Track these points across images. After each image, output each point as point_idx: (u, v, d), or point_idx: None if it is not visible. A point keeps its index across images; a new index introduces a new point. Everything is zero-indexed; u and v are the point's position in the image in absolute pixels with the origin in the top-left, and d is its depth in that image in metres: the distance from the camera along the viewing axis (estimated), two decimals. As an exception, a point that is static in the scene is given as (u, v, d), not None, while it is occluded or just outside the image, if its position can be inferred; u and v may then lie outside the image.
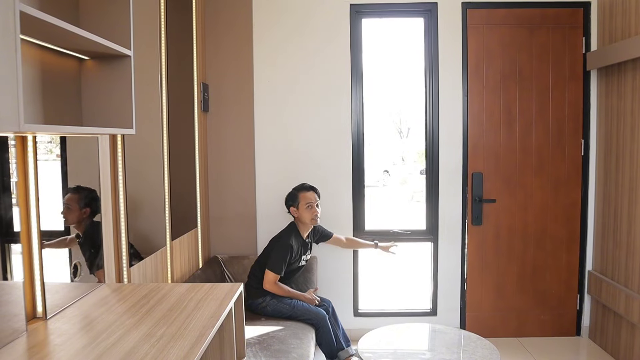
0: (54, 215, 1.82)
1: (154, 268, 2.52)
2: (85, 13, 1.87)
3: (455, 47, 3.46)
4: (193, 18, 3.22)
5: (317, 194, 3.17)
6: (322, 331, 2.98)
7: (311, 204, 3.10)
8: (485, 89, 3.48)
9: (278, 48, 3.49)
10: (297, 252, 3.09)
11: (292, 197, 3.15)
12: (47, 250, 1.67)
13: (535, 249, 3.55)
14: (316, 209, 3.12)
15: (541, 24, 3.45)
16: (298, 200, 3.12)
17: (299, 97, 3.51)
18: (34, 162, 1.61)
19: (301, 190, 3.15)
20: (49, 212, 1.73)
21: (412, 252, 6.34)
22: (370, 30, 3.70)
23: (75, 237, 1.99)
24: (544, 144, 3.49)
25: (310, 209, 3.10)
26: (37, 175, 1.62)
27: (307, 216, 3.10)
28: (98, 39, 1.65)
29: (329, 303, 3.22)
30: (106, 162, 2.08)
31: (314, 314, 3.00)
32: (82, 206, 2.13)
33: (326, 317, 3.02)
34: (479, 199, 3.49)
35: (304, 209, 3.10)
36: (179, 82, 3.01)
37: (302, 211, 3.10)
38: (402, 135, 15.41)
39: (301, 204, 3.11)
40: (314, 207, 3.11)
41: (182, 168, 3.06)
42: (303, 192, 3.13)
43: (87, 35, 1.58)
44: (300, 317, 2.99)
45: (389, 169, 13.45)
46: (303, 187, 3.17)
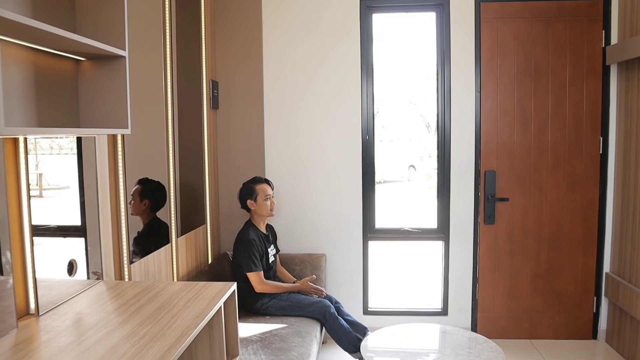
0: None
1: (157, 265, 2.55)
2: (82, 15, 1.90)
3: (468, 42, 3.38)
4: (202, 16, 3.24)
5: (271, 186, 3.22)
6: (330, 320, 2.96)
7: (269, 196, 3.15)
8: (499, 85, 3.39)
9: (287, 44, 3.48)
10: (260, 246, 3.09)
11: (249, 190, 3.17)
12: (48, 247, 1.72)
13: (550, 250, 3.45)
14: (274, 201, 3.18)
15: (558, 16, 3.33)
16: (256, 193, 3.15)
17: (309, 94, 3.50)
18: (25, 162, 1.65)
19: (258, 183, 3.18)
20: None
21: (423, 251, 6.28)
22: (385, 24, 3.65)
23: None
24: (560, 141, 3.39)
25: (268, 200, 3.15)
26: (28, 173, 1.65)
27: (265, 208, 3.14)
28: (87, 41, 1.67)
29: (331, 299, 3.21)
30: (104, 160, 2.11)
31: (317, 305, 2.99)
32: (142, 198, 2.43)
33: (330, 306, 3.01)
34: (491, 198, 3.41)
35: (262, 201, 3.14)
36: (187, 79, 3.03)
37: (261, 203, 3.14)
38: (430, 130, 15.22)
39: (260, 197, 3.14)
40: (271, 199, 3.16)
41: (190, 165, 3.09)
42: (260, 185, 3.17)
43: (75, 37, 1.60)
44: (305, 310, 2.99)
45: (415, 163, 13.31)
46: (260, 180, 3.20)
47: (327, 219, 3.55)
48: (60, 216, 1.98)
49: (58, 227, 1.97)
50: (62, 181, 2.03)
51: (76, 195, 2.02)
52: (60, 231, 1.97)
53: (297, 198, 3.53)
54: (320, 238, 3.56)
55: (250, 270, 2.97)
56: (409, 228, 3.57)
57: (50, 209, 1.94)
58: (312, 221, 3.55)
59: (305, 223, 3.56)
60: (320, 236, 3.56)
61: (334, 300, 3.21)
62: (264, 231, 3.19)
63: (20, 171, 1.64)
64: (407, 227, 3.58)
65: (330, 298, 3.21)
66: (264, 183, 3.18)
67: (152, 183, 2.56)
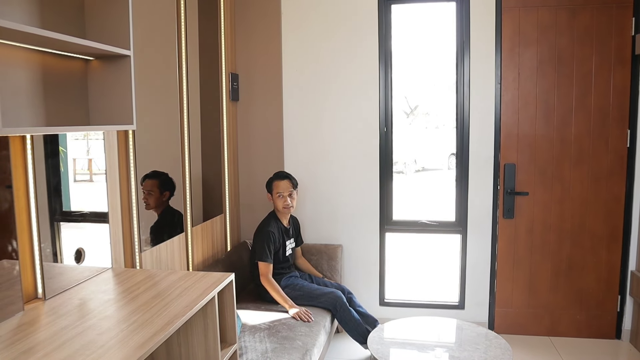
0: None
1: (169, 253, 2.67)
2: (90, 17, 2.00)
3: (489, 32, 3.30)
4: (221, 9, 3.31)
5: (292, 183, 3.20)
6: (341, 311, 3.02)
7: (281, 194, 3.15)
8: (520, 76, 3.30)
9: (306, 37, 3.51)
10: (278, 239, 3.13)
11: (268, 184, 3.23)
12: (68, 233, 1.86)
13: (572, 246, 3.36)
14: (287, 199, 3.16)
15: (585, 4, 3.20)
16: (272, 187, 3.19)
17: (327, 86, 3.52)
18: (31, 157, 1.76)
19: (276, 179, 3.20)
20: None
21: (441, 243, 6.19)
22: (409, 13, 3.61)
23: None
24: (584, 134, 3.27)
25: (280, 198, 3.16)
26: (34, 167, 1.77)
27: (278, 204, 3.18)
28: (92, 44, 1.77)
29: (345, 289, 3.27)
30: (114, 153, 2.22)
31: (329, 296, 3.04)
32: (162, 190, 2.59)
33: (342, 297, 3.06)
34: (511, 191, 3.35)
35: (276, 197, 3.18)
36: (205, 72, 3.12)
37: (275, 199, 3.19)
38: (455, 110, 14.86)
39: (274, 192, 3.18)
40: (284, 196, 3.15)
41: (208, 156, 3.19)
42: (277, 181, 3.19)
43: (81, 42, 1.71)
44: (317, 300, 3.05)
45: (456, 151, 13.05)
46: (277, 176, 3.22)
47: (344, 210, 3.58)
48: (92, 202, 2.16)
49: (91, 213, 2.15)
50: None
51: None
52: (92, 217, 2.15)
53: (315, 189, 3.58)
54: (338, 229, 3.60)
55: (261, 260, 3.04)
56: (426, 220, 3.56)
57: (95, 193, 2.16)
58: (329, 212, 3.60)
59: (322, 214, 3.61)
60: (337, 227, 3.60)
61: (347, 290, 3.26)
62: (286, 224, 3.24)
63: (27, 165, 1.76)
64: (424, 220, 3.56)
65: (343, 288, 3.26)
66: (281, 179, 3.19)
67: (164, 175, 2.67)
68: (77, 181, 2.11)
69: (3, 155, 1.66)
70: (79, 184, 2.13)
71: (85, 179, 2.19)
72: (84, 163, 2.18)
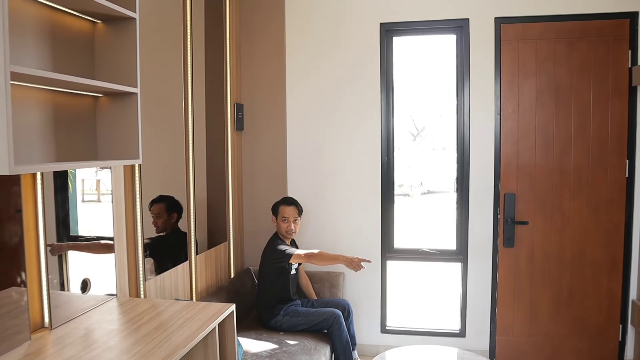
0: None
1: (173, 282, 2.73)
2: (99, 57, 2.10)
3: (488, 63, 3.38)
4: (227, 42, 3.42)
5: (298, 209, 3.30)
6: (334, 327, 3.04)
7: (286, 219, 3.24)
8: (519, 106, 3.37)
9: (309, 69, 3.60)
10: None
11: (274, 208, 3.33)
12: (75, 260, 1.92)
13: (573, 274, 3.38)
14: (291, 224, 3.25)
15: (582, 37, 3.28)
16: (278, 211, 3.29)
17: (330, 116, 3.61)
18: (41, 190, 1.84)
19: (282, 204, 3.30)
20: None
21: (442, 271, 6.20)
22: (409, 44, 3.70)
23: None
24: (583, 164, 3.32)
25: (285, 222, 3.25)
26: (44, 200, 1.84)
27: (281, 228, 3.26)
28: (101, 84, 1.86)
29: (346, 304, 3.30)
30: (120, 186, 2.30)
31: (325, 316, 3.07)
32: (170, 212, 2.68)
33: (340, 316, 3.08)
34: (511, 221, 3.39)
35: (280, 221, 3.27)
36: (211, 103, 3.21)
37: (279, 223, 3.28)
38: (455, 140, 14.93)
39: (279, 216, 3.28)
40: (289, 221, 3.24)
41: (213, 185, 3.26)
42: (283, 206, 3.29)
43: (90, 82, 1.79)
44: (316, 322, 3.07)
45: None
46: (285, 201, 3.32)
47: (346, 238, 3.63)
48: (99, 225, 2.23)
49: (98, 238, 2.22)
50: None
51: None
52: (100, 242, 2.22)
53: (317, 217, 3.64)
54: (339, 256, 3.64)
55: (291, 255, 3.07)
56: (427, 249, 3.60)
57: (103, 214, 2.23)
58: (331, 240, 3.65)
59: (324, 241, 3.65)
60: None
61: (348, 307, 3.29)
62: (288, 245, 3.29)
63: (37, 199, 1.84)
64: (425, 248, 3.60)
65: (345, 305, 3.29)
66: (287, 205, 3.29)
67: (170, 198, 2.74)
68: (85, 201, 2.17)
69: (14, 191, 1.73)
70: (87, 204, 2.19)
71: (93, 199, 2.27)
72: (92, 183, 2.25)
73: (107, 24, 2.08)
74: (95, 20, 2.08)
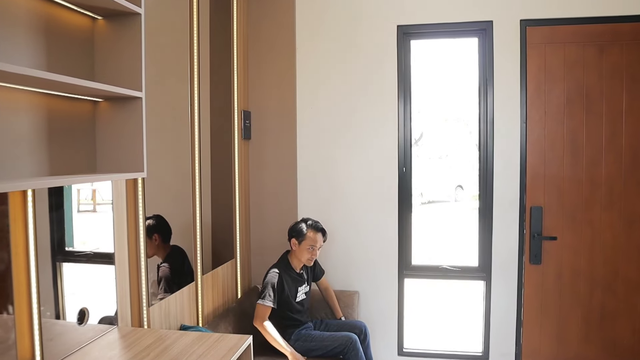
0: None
1: (179, 305, 2.48)
2: (100, 57, 1.87)
3: (513, 68, 3.17)
4: (234, 47, 3.19)
5: (324, 237, 3.04)
6: (350, 354, 2.81)
7: (313, 247, 2.97)
8: (546, 114, 3.16)
9: (321, 74, 3.38)
10: (290, 285, 2.94)
11: (299, 232, 2.99)
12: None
13: (604, 293, 3.16)
14: (316, 253, 2.99)
15: (613, 40, 3.08)
16: (304, 237, 2.97)
17: (343, 124, 3.38)
18: (32, 205, 1.59)
19: (311, 229, 2.99)
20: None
21: (463, 290, 5.86)
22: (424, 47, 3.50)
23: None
24: (615, 175, 3.11)
25: (310, 250, 2.97)
26: (35, 226, 1.60)
27: (304, 256, 2.98)
28: (100, 86, 1.63)
29: (362, 326, 3.07)
30: (121, 202, 2.05)
31: (341, 340, 2.84)
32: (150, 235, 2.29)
33: (357, 341, 2.86)
34: (537, 236, 3.17)
35: (305, 248, 2.97)
36: (217, 111, 2.98)
37: (303, 249, 2.97)
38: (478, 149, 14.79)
39: (305, 243, 2.97)
40: (315, 250, 2.98)
41: (219, 199, 3.02)
42: (312, 232, 2.98)
43: (84, 83, 1.56)
44: (331, 347, 2.85)
45: (463, 183, 12.90)
46: (314, 227, 3.01)
47: (361, 254, 3.39)
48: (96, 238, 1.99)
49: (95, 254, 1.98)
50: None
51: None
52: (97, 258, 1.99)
53: (330, 232, 3.38)
54: (354, 274, 3.41)
55: (259, 300, 2.82)
56: (447, 266, 3.36)
57: (99, 225, 2.00)
58: (345, 257, 3.41)
59: (338, 259, 3.42)
60: (353, 272, 3.41)
61: (364, 330, 3.06)
62: (297, 270, 3.04)
63: (28, 220, 1.59)
64: (445, 265, 3.37)
65: (361, 328, 3.06)
66: (317, 232, 2.99)
67: (151, 218, 2.34)
68: (80, 211, 1.95)
69: (1, 210, 1.49)
70: (83, 214, 1.98)
71: (88, 209, 2.03)
72: (88, 193, 2.01)
73: (108, 20, 1.86)
74: (95, 16, 1.85)
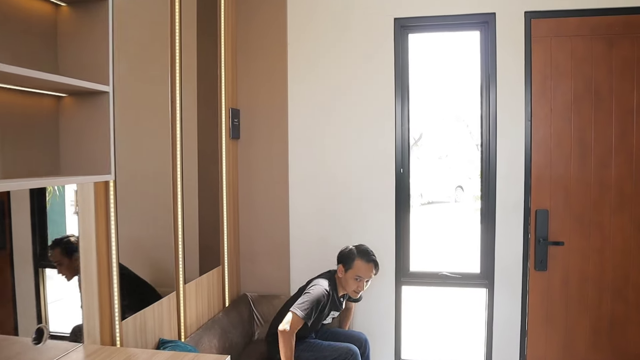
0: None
1: (157, 317, 2.30)
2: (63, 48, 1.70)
3: (517, 63, 2.99)
4: (221, 42, 3.01)
5: (376, 270, 2.76)
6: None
7: (361, 278, 2.72)
8: (552, 112, 2.98)
9: (314, 69, 3.20)
10: (327, 306, 2.72)
11: (348, 259, 2.75)
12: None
13: (614, 301, 2.98)
14: (363, 285, 2.75)
15: (624, 33, 2.90)
16: (352, 266, 2.73)
17: (337, 123, 3.20)
18: None
19: (362, 259, 2.73)
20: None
21: (464, 297, 5.62)
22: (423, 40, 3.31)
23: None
24: (626, 176, 2.93)
25: (358, 281, 2.72)
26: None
27: (350, 285, 2.75)
28: (57, 78, 1.46)
29: (363, 339, 2.91)
30: (88, 206, 1.87)
31: (343, 350, 2.68)
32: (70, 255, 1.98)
33: (357, 353, 2.70)
34: (543, 241, 2.99)
35: (352, 277, 2.73)
36: (203, 109, 2.80)
37: (349, 278, 2.74)
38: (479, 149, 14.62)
39: (352, 271, 2.73)
40: (362, 282, 2.73)
41: (205, 202, 2.85)
42: (363, 262, 2.72)
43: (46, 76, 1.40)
44: (330, 358, 2.68)
45: (463, 184, 12.72)
46: (367, 258, 2.74)
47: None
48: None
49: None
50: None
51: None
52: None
53: (322, 238, 3.22)
54: (349, 281, 3.22)
55: (299, 314, 2.54)
56: (447, 272, 3.18)
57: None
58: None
59: (333, 265, 3.23)
60: (348, 278, 3.22)
61: (365, 342, 2.90)
62: (339, 294, 2.82)
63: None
64: (445, 271, 3.19)
65: (362, 340, 2.90)
66: (367, 263, 2.72)
67: (64, 239, 1.90)
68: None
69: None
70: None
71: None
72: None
73: (73, 8, 1.69)
74: (58, 2, 1.67)
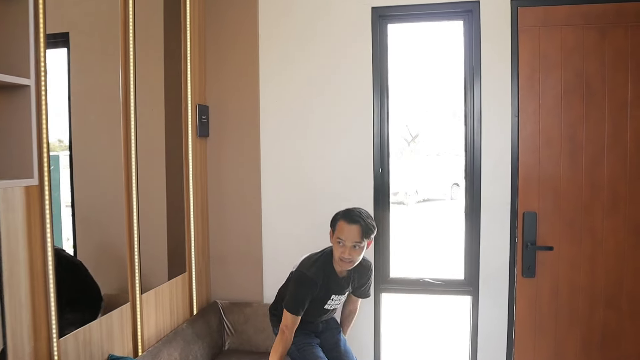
0: None
1: (106, 332, 2.11)
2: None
3: (503, 55, 2.80)
4: (187, 35, 2.81)
5: (362, 232, 2.24)
6: None
7: (342, 242, 2.24)
8: (541, 107, 2.79)
9: (288, 62, 3.01)
10: (323, 289, 2.34)
11: (333, 221, 2.34)
12: None
13: (607, 310, 2.79)
14: (347, 251, 2.23)
15: (616, 22, 2.71)
16: (335, 228, 2.30)
17: (312, 120, 3.01)
18: None
19: (343, 219, 2.28)
20: None
21: (447, 305, 5.41)
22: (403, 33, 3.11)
23: None
24: (619, 176, 2.74)
25: (340, 246, 2.25)
26: None
27: (335, 252, 2.30)
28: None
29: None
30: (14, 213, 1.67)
31: None
32: None
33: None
34: (531, 245, 2.80)
35: (335, 241, 2.29)
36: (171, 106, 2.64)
37: (333, 243, 2.32)
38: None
39: (335, 234, 2.30)
40: (346, 246, 2.24)
41: (174, 206, 2.67)
42: (345, 223, 2.26)
43: None
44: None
45: (459, 181, 12.55)
46: (347, 216, 2.28)
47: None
48: None
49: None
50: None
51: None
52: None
53: (297, 241, 3.02)
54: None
55: (290, 310, 2.28)
56: (430, 279, 2.99)
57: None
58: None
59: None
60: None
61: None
62: (339, 274, 2.38)
63: None
64: (427, 278, 3.00)
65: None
66: (348, 222, 2.25)
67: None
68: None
69: None
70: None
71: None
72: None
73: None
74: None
